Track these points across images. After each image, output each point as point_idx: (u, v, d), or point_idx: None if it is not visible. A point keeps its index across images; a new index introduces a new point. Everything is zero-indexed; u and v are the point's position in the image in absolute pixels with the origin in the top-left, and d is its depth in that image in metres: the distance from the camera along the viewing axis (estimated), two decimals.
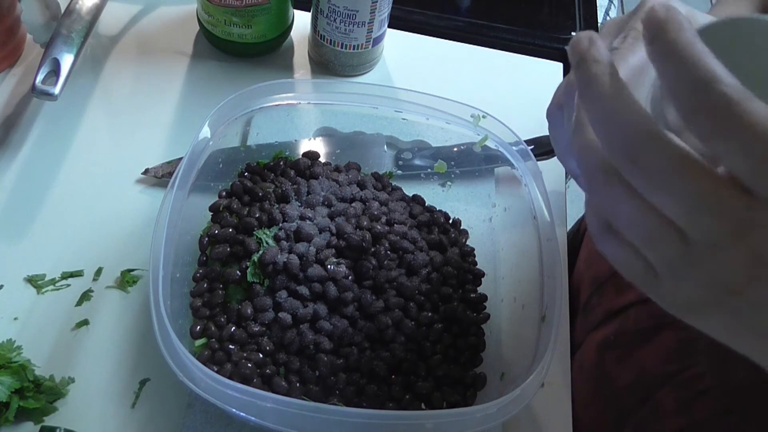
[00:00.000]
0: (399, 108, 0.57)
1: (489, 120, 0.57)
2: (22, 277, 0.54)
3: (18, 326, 0.52)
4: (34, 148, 0.61)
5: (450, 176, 0.62)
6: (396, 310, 0.50)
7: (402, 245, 0.52)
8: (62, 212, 0.58)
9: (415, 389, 0.48)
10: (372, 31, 0.66)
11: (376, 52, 0.70)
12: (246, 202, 0.54)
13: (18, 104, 0.64)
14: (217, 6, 0.64)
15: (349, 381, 0.48)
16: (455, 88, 0.69)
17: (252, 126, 0.59)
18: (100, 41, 0.70)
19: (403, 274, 0.52)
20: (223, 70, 0.69)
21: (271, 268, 0.49)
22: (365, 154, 0.61)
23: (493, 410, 0.42)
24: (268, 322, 0.48)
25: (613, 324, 0.56)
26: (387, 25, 0.68)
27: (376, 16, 0.64)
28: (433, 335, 0.50)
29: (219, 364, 0.47)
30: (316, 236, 0.51)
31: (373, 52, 0.70)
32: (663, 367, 0.51)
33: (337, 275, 0.49)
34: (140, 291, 0.55)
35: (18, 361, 0.48)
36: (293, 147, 0.60)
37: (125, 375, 0.51)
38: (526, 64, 0.76)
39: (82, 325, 0.52)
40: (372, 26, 0.65)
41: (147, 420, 0.49)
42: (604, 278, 0.59)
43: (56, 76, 0.58)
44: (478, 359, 0.52)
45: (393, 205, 0.56)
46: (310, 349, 0.48)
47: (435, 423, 0.43)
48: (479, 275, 0.56)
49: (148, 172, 0.60)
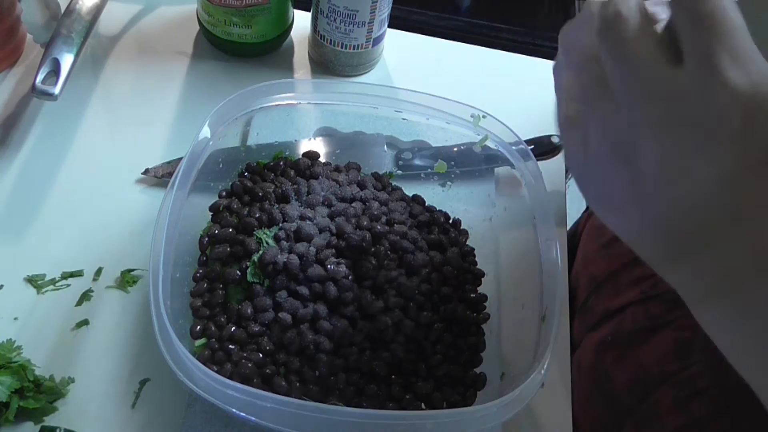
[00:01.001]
0: (399, 108, 0.57)
1: (489, 120, 0.57)
2: (22, 277, 0.54)
3: (18, 326, 0.52)
4: (34, 148, 0.61)
5: (450, 176, 0.62)
6: (396, 310, 0.50)
7: (402, 245, 0.52)
8: (62, 212, 0.58)
9: (415, 389, 0.48)
10: (372, 31, 0.66)
11: (376, 52, 0.70)
12: (246, 202, 0.54)
13: (18, 104, 0.64)
14: (217, 6, 0.64)
15: (349, 381, 0.48)
16: (455, 88, 0.69)
17: (252, 126, 0.59)
18: (100, 41, 0.70)
19: (403, 274, 0.52)
20: (223, 70, 0.69)
21: (271, 268, 0.49)
22: (365, 154, 0.61)
23: (493, 410, 0.42)
24: (268, 322, 0.48)
25: (611, 324, 0.56)
26: (387, 25, 0.68)
27: (376, 16, 0.64)
28: (433, 335, 0.50)
29: (219, 364, 0.47)
30: (316, 236, 0.51)
31: (373, 52, 0.70)
32: (661, 366, 0.51)
33: (337, 275, 0.49)
34: (140, 291, 0.55)
35: (18, 361, 0.48)
36: (293, 147, 0.60)
37: (125, 375, 0.51)
38: (526, 64, 0.76)
39: (82, 325, 0.52)
40: (372, 26, 0.65)
41: (147, 420, 0.49)
42: (602, 278, 0.59)
43: (56, 76, 0.58)
44: (478, 359, 0.52)
45: (393, 205, 0.56)
46: (310, 349, 0.48)
47: (435, 423, 0.43)
48: (479, 275, 0.56)
49: (148, 172, 0.60)
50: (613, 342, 0.55)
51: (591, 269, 0.62)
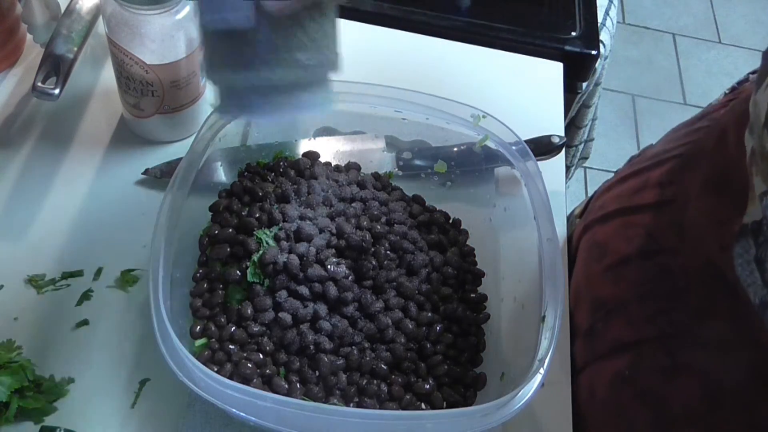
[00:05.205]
0: (399, 108, 0.57)
1: (489, 120, 0.57)
2: (22, 277, 0.54)
3: (18, 326, 0.52)
4: (34, 148, 0.61)
5: (450, 176, 0.62)
6: (396, 310, 0.50)
7: (402, 245, 0.52)
8: (62, 212, 0.58)
9: (415, 389, 0.48)
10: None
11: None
12: (246, 202, 0.54)
13: (18, 104, 0.64)
14: None
15: (349, 381, 0.48)
16: (455, 88, 0.69)
17: (252, 126, 0.59)
18: (100, 41, 0.69)
19: (403, 274, 0.52)
20: None
21: (271, 268, 0.49)
22: (365, 154, 0.61)
23: (493, 410, 0.42)
24: (268, 322, 0.48)
25: (626, 357, 0.53)
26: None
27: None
28: (433, 335, 0.50)
29: (219, 364, 0.47)
30: (316, 236, 0.51)
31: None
32: (685, 408, 0.49)
33: (337, 275, 0.49)
34: (140, 291, 0.55)
35: (18, 361, 0.48)
36: (293, 147, 0.60)
37: (125, 375, 0.51)
38: (526, 64, 0.76)
39: (82, 325, 0.52)
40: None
41: (147, 420, 0.49)
42: (611, 305, 0.56)
43: (56, 76, 0.58)
44: (478, 359, 0.52)
45: (393, 205, 0.56)
46: (310, 349, 0.48)
47: (435, 423, 0.43)
48: (479, 275, 0.56)
49: (148, 172, 0.60)
50: (630, 377, 0.52)
51: (595, 291, 0.59)
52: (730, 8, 2.35)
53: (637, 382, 0.52)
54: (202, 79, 0.60)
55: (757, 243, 0.42)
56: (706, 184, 0.50)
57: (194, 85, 0.59)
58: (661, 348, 0.51)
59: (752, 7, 2.36)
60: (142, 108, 0.59)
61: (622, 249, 0.57)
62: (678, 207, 0.53)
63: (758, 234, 0.42)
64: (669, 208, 0.54)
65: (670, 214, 0.54)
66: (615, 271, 0.57)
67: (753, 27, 2.30)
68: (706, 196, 0.50)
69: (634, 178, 0.61)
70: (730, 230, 0.44)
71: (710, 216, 0.48)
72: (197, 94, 0.61)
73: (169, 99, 0.58)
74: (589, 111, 1.11)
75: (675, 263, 0.51)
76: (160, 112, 0.59)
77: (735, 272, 0.43)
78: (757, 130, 0.42)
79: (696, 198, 0.51)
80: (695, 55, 2.19)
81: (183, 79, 0.58)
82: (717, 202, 0.48)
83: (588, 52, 0.86)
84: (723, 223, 0.45)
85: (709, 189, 0.50)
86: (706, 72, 2.15)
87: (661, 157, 0.59)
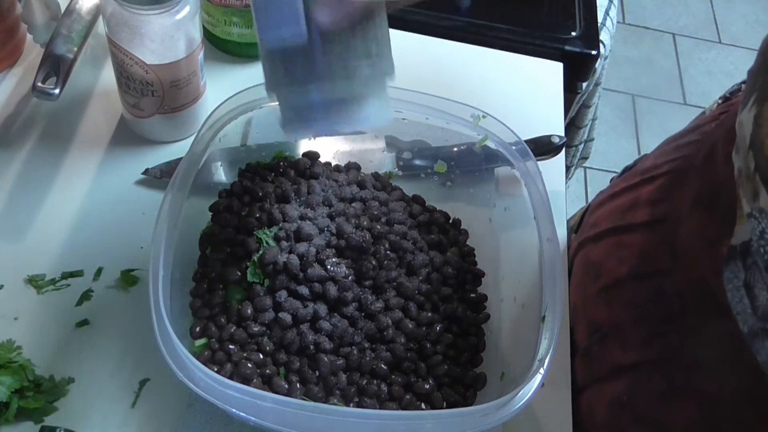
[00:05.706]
0: (399, 108, 0.57)
1: (489, 120, 0.57)
2: (22, 277, 0.54)
3: (18, 326, 0.52)
4: (34, 148, 0.61)
5: (450, 176, 0.62)
6: (396, 310, 0.50)
7: (402, 245, 0.52)
8: (62, 212, 0.58)
9: (415, 389, 0.48)
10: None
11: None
12: (246, 202, 0.54)
13: (18, 104, 0.64)
14: (217, 6, 0.64)
15: (349, 381, 0.48)
16: (455, 88, 0.69)
17: (252, 126, 0.59)
18: (100, 41, 0.69)
19: (403, 274, 0.52)
20: (224, 70, 0.69)
21: (271, 268, 0.49)
22: (365, 154, 0.61)
23: (493, 410, 0.42)
24: (268, 323, 0.48)
25: (624, 381, 0.53)
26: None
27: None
28: (433, 335, 0.50)
29: (219, 364, 0.47)
30: (316, 236, 0.51)
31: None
32: (684, 431, 0.49)
33: (337, 275, 0.49)
34: (140, 291, 0.55)
35: (18, 361, 0.48)
36: (293, 147, 0.60)
37: (125, 375, 0.51)
38: (526, 64, 0.76)
39: (82, 325, 0.52)
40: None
41: (147, 420, 0.49)
42: (606, 329, 0.56)
43: (56, 76, 0.58)
44: (478, 359, 0.52)
45: (393, 205, 0.56)
46: (310, 349, 0.48)
47: (435, 423, 0.43)
48: (479, 275, 0.56)
49: (148, 172, 0.60)
50: (628, 402, 0.52)
51: (591, 314, 0.58)
52: (730, 8, 2.35)
53: (635, 406, 0.52)
54: (202, 79, 0.60)
55: (745, 266, 0.42)
56: (696, 201, 0.50)
57: (194, 85, 0.59)
58: (657, 371, 0.51)
59: (752, 7, 2.36)
60: (142, 108, 0.59)
61: (616, 270, 0.56)
62: (670, 226, 0.53)
63: (746, 256, 0.41)
64: (661, 227, 0.54)
65: (662, 233, 0.53)
66: (609, 293, 0.57)
67: (753, 27, 2.30)
68: (697, 213, 0.49)
69: (625, 194, 0.60)
70: (720, 251, 0.44)
71: (701, 235, 0.48)
72: (197, 94, 0.61)
73: (169, 99, 0.58)
74: (589, 111, 1.11)
75: (668, 285, 0.51)
76: (160, 112, 0.59)
77: (727, 297, 0.43)
78: (742, 151, 0.41)
79: (687, 216, 0.50)
80: (695, 55, 2.19)
81: (183, 79, 0.58)
82: (708, 220, 0.47)
83: (588, 52, 0.86)
84: (714, 242, 0.45)
85: (699, 206, 0.49)
86: (706, 72, 2.15)
87: (651, 173, 0.59)
